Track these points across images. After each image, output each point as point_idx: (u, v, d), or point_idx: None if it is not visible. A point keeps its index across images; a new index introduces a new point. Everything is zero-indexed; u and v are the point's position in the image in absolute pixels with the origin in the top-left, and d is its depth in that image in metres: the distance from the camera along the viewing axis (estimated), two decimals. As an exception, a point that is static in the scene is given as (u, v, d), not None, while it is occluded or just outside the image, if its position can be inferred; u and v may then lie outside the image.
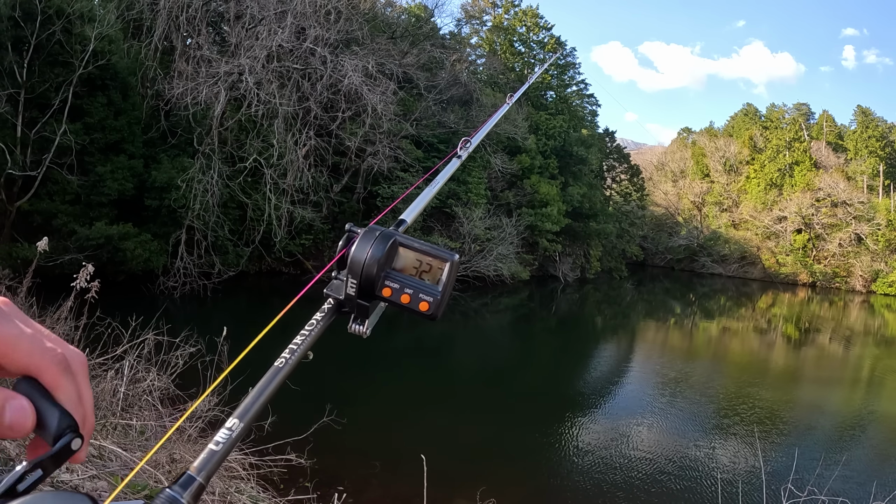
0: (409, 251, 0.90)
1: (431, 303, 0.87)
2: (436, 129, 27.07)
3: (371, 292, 0.87)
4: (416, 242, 0.90)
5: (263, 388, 0.73)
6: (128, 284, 17.17)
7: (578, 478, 9.28)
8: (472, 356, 17.85)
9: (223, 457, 0.65)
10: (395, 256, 0.90)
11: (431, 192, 1.35)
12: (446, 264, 0.89)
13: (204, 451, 0.64)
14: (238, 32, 20.91)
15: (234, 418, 0.69)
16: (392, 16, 30.29)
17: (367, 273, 0.86)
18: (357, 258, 0.87)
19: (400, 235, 0.91)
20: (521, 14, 40.24)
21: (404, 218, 1.10)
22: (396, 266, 0.89)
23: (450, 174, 1.52)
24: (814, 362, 22.43)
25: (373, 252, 0.86)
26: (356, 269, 0.86)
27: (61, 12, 16.12)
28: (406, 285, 0.88)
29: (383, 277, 0.87)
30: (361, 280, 0.86)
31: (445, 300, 0.88)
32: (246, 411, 0.70)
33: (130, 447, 4.41)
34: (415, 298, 0.87)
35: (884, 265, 47.97)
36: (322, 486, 5.94)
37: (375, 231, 0.89)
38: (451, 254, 0.90)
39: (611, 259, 41.10)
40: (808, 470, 8.42)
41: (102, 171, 17.53)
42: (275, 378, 0.74)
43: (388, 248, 0.88)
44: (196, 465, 0.62)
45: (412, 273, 0.89)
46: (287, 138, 21.12)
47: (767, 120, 61.26)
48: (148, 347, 6.05)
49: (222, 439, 0.66)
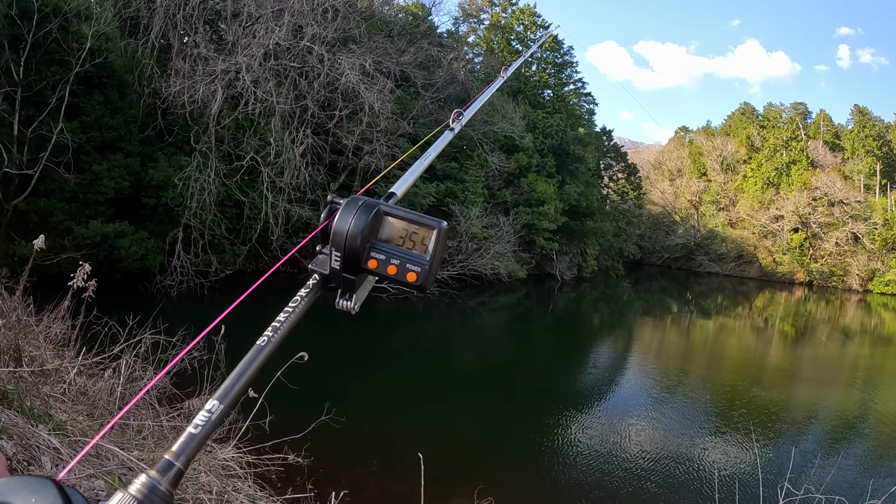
0: (394, 220, 0.86)
1: (419, 273, 0.84)
2: (433, 127, 27.04)
3: (356, 265, 0.84)
4: (401, 211, 0.87)
5: (245, 368, 0.70)
6: (125, 283, 17.14)
7: (575, 476, 9.30)
8: (469, 355, 17.86)
9: (203, 440, 0.62)
10: (381, 226, 0.86)
11: (423, 164, 1.31)
12: (433, 232, 0.85)
13: (182, 434, 0.61)
14: (235, 30, 20.85)
15: (213, 400, 0.66)
16: (389, 14, 30.26)
17: (351, 245, 0.82)
18: (340, 229, 0.83)
19: (384, 204, 0.87)
20: (518, 12, 40.26)
21: (394, 191, 1.06)
22: (382, 236, 0.86)
23: (442, 147, 1.47)
24: (810, 361, 22.49)
25: (356, 222, 0.83)
26: (339, 241, 0.83)
27: (58, 10, 16.06)
28: (392, 256, 0.84)
29: (368, 249, 0.84)
30: (346, 252, 0.83)
31: (434, 270, 0.85)
32: (226, 393, 0.67)
33: (128, 446, 4.40)
34: (402, 269, 0.84)
35: (880, 264, 48.10)
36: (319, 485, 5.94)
37: (358, 201, 0.86)
38: (439, 221, 0.86)
39: (608, 258, 41.15)
40: (805, 468, 8.44)
41: (99, 170, 17.47)
42: (256, 357, 0.71)
43: (371, 217, 0.84)
44: (174, 450, 0.60)
45: (398, 243, 0.85)
46: (284, 136, 21.08)
47: (764, 119, 61.37)
48: (145, 346, 6.03)
49: (201, 422, 0.63)
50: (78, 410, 4.68)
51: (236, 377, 0.69)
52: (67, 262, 14.74)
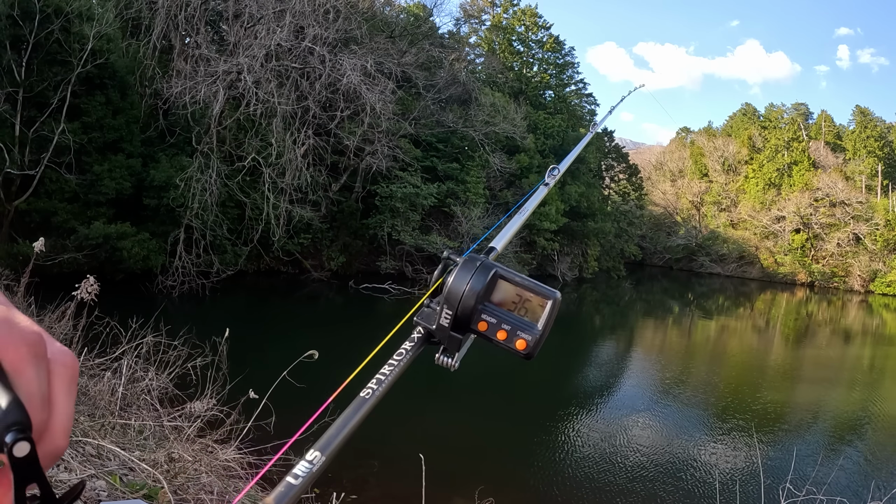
0: (509, 285, 0.84)
1: (529, 341, 0.81)
2: (434, 128, 27.07)
3: (466, 325, 0.83)
4: (517, 276, 0.84)
5: (348, 419, 0.68)
6: (126, 284, 17.16)
7: (576, 476, 9.29)
8: (469, 355, 17.79)
9: (301, 492, 0.59)
10: (494, 289, 0.84)
11: (520, 219, 1.32)
12: (548, 302, 0.83)
13: (280, 484, 0.58)
14: (237, 31, 20.88)
15: (315, 451, 0.63)
16: (391, 15, 30.25)
17: (465, 305, 0.81)
18: (456, 289, 0.81)
19: (501, 268, 0.85)
20: (519, 13, 40.25)
21: (494, 245, 1.05)
22: (494, 300, 0.83)
23: (538, 201, 1.52)
24: (812, 362, 22.46)
25: (473, 283, 0.81)
26: (453, 299, 0.81)
27: (60, 11, 16.09)
28: (504, 321, 0.82)
29: (480, 311, 0.82)
30: (458, 311, 0.81)
31: (543, 340, 0.82)
32: (328, 443, 0.64)
33: (129, 447, 4.40)
34: (511, 335, 0.82)
35: (882, 265, 48.02)
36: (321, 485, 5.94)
37: (476, 261, 0.84)
38: (554, 292, 0.83)
39: (609, 258, 41.09)
40: (807, 469, 8.43)
41: (100, 171, 17.50)
42: (360, 410, 0.70)
43: (488, 280, 0.82)
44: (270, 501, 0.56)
45: (510, 308, 0.83)
46: (286, 137, 21.10)
47: (766, 120, 61.34)
48: (146, 347, 6.03)
49: (302, 473, 0.59)
50: (79, 411, 4.68)
51: (339, 428, 0.67)
52: (69, 263, 14.80)
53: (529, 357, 0.82)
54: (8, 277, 8.49)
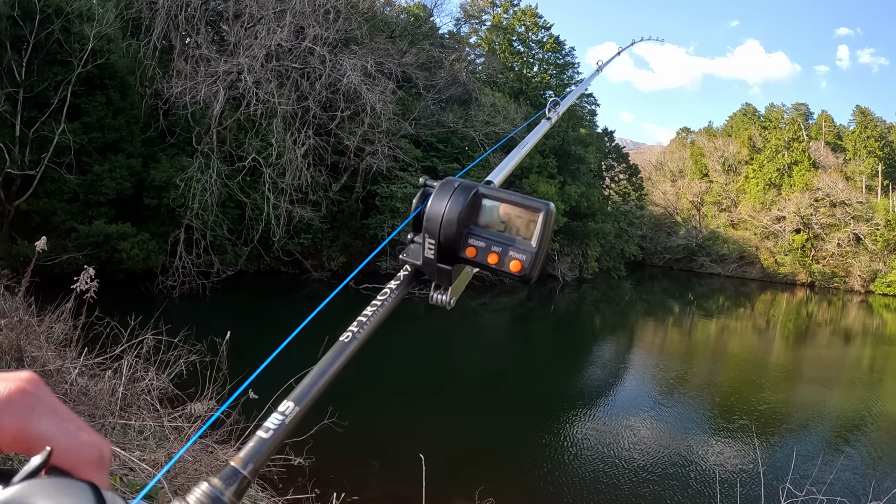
0: (494, 203, 0.77)
1: (524, 261, 0.74)
2: (434, 128, 27.06)
3: (453, 254, 0.76)
4: (502, 193, 0.78)
5: (325, 367, 0.61)
6: (127, 283, 17.15)
7: (577, 477, 9.29)
8: (470, 356, 17.85)
9: (274, 447, 0.54)
10: (479, 210, 0.77)
11: (521, 152, 1.20)
12: (539, 215, 0.75)
13: (251, 439, 0.53)
14: (237, 31, 20.89)
15: (288, 401, 0.57)
16: (391, 15, 30.25)
17: (447, 231, 0.74)
18: (434, 214, 0.75)
19: (482, 186, 0.79)
20: (520, 13, 40.25)
21: (490, 179, 0.98)
22: (481, 222, 0.77)
23: (539, 136, 1.38)
24: (812, 362, 22.45)
25: (452, 206, 0.74)
26: (433, 227, 0.74)
27: (60, 11, 16.10)
28: (493, 243, 0.75)
29: (466, 235, 0.76)
30: (441, 240, 0.75)
31: (541, 258, 0.75)
32: (304, 393, 0.58)
33: (129, 447, 4.40)
34: (504, 257, 0.74)
35: (882, 265, 48.01)
36: (321, 486, 5.95)
37: (454, 182, 0.78)
38: (546, 203, 0.76)
39: (609, 258, 41.09)
40: (807, 469, 8.42)
41: (101, 171, 17.50)
42: (340, 356, 0.63)
43: (469, 200, 0.75)
44: (241, 456, 0.52)
45: (500, 229, 0.76)
46: (286, 137, 21.11)
47: (766, 120, 61.33)
48: (147, 347, 6.03)
49: (273, 426, 0.54)
50: (79, 411, 4.69)
51: (316, 377, 0.60)
52: (69, 263, 14.80)
53: (526, 280, 0.75)
54: (8, 277, 8.48)
